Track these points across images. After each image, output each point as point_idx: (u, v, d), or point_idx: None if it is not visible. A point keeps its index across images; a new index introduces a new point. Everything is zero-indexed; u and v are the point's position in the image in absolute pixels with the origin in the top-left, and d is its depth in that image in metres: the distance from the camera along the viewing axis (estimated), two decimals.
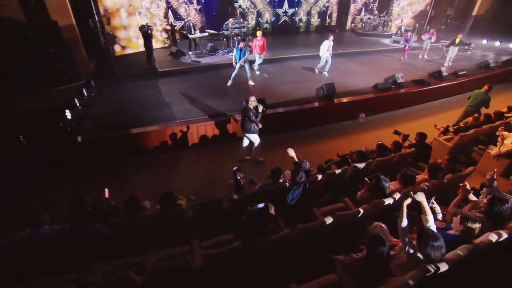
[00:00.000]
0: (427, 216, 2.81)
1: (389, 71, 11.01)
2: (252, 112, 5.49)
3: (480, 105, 7.21)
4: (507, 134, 5.37)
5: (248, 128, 5.64)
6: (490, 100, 7.23)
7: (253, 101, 5.57)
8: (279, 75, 10.12)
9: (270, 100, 7.90)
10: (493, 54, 14.89)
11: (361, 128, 8.23)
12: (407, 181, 3.67)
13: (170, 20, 12.74)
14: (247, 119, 5.55)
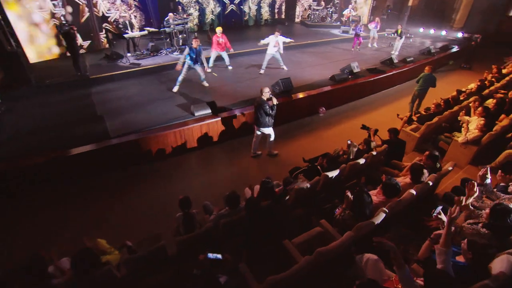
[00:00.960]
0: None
1: (342, 62, 10.89)
2: (268, 105, 5.22)
3: (428, 86, 7.54)
4: (470, 119, 5.20)
5: (264, 122, 5.41)
6: (436, 79, 7.57)
7: (266, 92, 5.25)
8: (230, 73, 9.23)
9: (223, 102, 7.02)
10: (430, 41, 15.80)
11: (323, 123, 7.75)
12: (392, 192, 3.08)
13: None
14: (263, 113, 5.28)
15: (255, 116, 5.45)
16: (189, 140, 6.19)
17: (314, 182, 3.65)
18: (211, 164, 6.06)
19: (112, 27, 10.45)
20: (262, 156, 6.16)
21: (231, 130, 6.68)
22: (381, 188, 3.20)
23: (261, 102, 5.22)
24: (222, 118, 6.37)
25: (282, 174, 4.81)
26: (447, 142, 5.16)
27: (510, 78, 8.48)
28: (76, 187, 5.09)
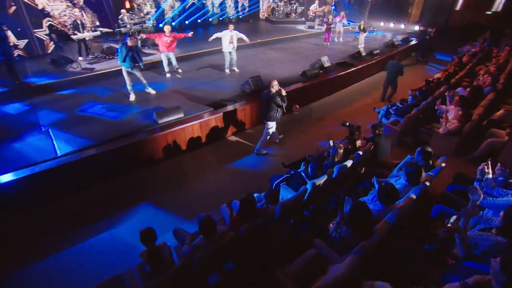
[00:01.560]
0: None
1: (311, 57, 10.69)
2: (279, 97, 5.13)
3: (396, 74, 7.80)
4: (447, 108, 5.10)
5: (276, 116, 5.35)
6: (403, 67, 7.89)
7: (276, 85, 5.16)
8: (194, 74, 8.51)
9: (189, 107, 6.35)
10: (391, 34, 16.28)
11: (298, 122, 7.37)
12: (391, 198, 2.72)
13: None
14: (275, 106, 5.20)
15: (266, 110, 5.30)
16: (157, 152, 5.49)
17: (300, 192, 3.19)
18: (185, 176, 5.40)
19: (56, 24, 9.18)
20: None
21: (200, 138, 6.07)
22: (378, 195, 2.82)
23: (272, 95, 5.13)
24: (191, 124, 5.73)
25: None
26: (429, 134, 5.00)
27: (470, 67, 8.76)
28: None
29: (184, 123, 5.72)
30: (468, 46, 12.87)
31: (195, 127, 5.85)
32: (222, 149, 6.09)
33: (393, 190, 2.74)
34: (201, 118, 5.94)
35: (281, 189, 3.76)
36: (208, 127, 6.11)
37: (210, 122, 6.08)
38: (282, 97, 5.22)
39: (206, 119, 5.98)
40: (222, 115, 6.21)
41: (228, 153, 5.93)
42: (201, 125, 5.93)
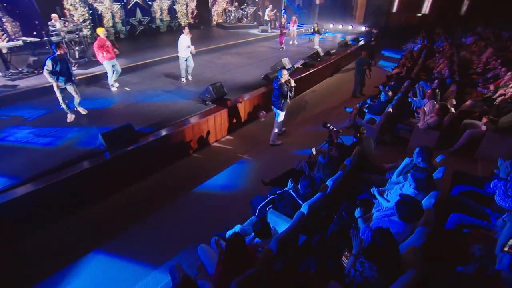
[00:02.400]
0: None
1: (269, 60, 10.38)
2: (287, 86, 5.29)
3: (364, 69, 8.13)
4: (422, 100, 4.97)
5: (285, 104, 5.48)
6: (370, 61, 8.35)
7: (285, 74, 5.29)
8: (145, 86, 7.49)
9: (143, 124, 5.40)
10: (341, 35, 16.89)
11: (268, 129, 6.79)
12: (415, 214, 2.24)
13: None
14: (282, 95, 5.34)
15: (276, 99, 5.44)
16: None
17: (298, 220, 2.57)
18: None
19: None
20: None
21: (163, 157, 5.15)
22: (398, 211, 2.32)
23: (280, 84, 5.25)
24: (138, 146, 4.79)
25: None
26: (409, 130, 4.79)
27: (421, 62, 9.13)
28: None
29: (139, 143, 4.76)
30: (411, 44, 13.72)
31: (152, 148, 4.93)
32: (186, 170, 5.23)
33: (418, 205, 2.26)
34: (158, 135, 5.04)
35: (268, 215, 3.11)
36: (169, 146, 5.22)
37: (170, 139, 5.20)
38: (290, 87, 5.35)
39: (166, 135, 5.09)
40: (184, 130, 5.37)
41: (193, 174, 5.10)
42: (160, 144, 5.02)
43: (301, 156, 5.56)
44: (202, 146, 5.88)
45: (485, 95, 5.44)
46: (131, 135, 4.90)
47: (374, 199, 3.09)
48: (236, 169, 5.20)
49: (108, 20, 11.98)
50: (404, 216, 2.27)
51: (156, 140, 4.97)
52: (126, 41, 12.29)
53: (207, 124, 5.86)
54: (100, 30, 6.50)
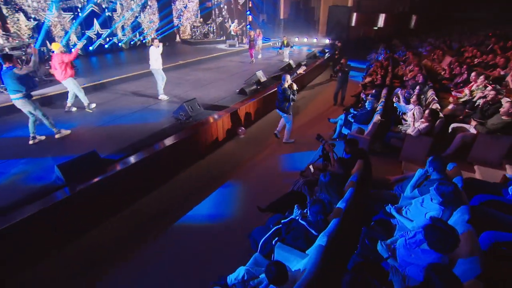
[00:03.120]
0: None
1: (241, 74, 10.15)
2: (290, 90, 5.50)
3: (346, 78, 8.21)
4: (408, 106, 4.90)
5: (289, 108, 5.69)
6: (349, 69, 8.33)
7: (288, 79, 5.56)
8: (109, 106, 6.70)
9: (109, 150, 4.66)
10: (307, 47, 17.35)
11: (249, 146, 6.35)
12: (455, 241, 1.89)
13: None
14: (285, 99, 5.54)
15: (281, 103, 5.66)
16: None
17: (320, 257, 2.11)
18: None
19: None
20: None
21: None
22: (429, 239, 1.97)
23: (283, 88, 5.49)
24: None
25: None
26: (400, 137, 4.65)
27: (390, 71, 9.46)
28: None
29: (107, 173, 4.02)
30: (374, 54, 14.40)
31: (123, 177, 4.20)
32: (164, 200, 4.53)
33: (452, 232, 1.92)
34: (128, 162, 4.33)
35: (276, 251, 2.61)
36: (142, 173, 4.52)
37: (143, 166, 4.50)
38: (293, 91, 5.57)
39: (138, 161, 4.39)
40: (158, 153, 4.72)
41: (173, 204, 4.42)
42: (131, 172, 4.31)
43: (290, 173, 5.18)
44: (180, 171, 5.23)
45: (461, 99, 5.58)
46: (96, 164, 4.14)
47: (392, 218, 2.76)
48: (221, 194, 4.62)
49: (59, 32, 10.81)
50: (434, 244, 1.93)
51: (126, 168, 4.25)
52: (83, 58, 11.29)
53: (184, 146, 5.25)
54: (56, 46, 5.70)
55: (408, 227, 2.52)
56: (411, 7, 19.71)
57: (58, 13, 10.66)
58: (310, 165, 3.70)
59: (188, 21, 16.22)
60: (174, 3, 15.25)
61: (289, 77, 5.62)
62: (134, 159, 4.43)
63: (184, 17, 16.05)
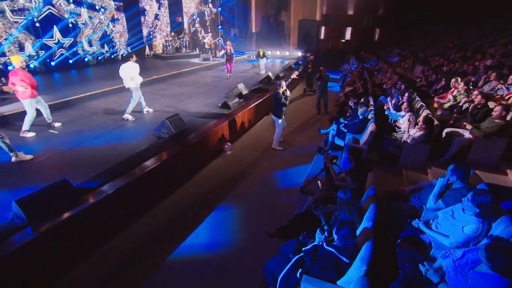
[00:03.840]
0: None
1: (220, 87, 9.88)
2: (283, 96, 5.80)
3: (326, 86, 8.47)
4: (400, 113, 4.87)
5: (281, 112, 5.98)
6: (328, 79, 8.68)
7: (283, 85, 5.87)
8: (79, 126, 5.97)
9: (79, 177, 4.01)
10: (280, 60, 17.59)
11: (237, 163, 5.96)
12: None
13: None
14: (279, 104, 5.83)
15: (275, 107, 5.94)
16: None
17: None
18: None
19: None
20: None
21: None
22: (488, 260, 1.73)
23: (276, 93, 5.82)
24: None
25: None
26: (398, 145, 4.56)
27: (369, 80, 9.72)
28: None
29: (82, 205, 3.40)
30: (347, 65, 14.90)
31: (101, 208, 3.60)
32: (152, 231, 3.96)
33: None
34: (106, 192, 3.72)
35: (302, 285, 2.23)
36: (124, 202, 3.93)
37: (124, 192, 3.92)
38: (286, 96, 5.87)
39: (119, 188, 3.81)
40: (141, 177, 4.16)
41: (162, 234, 3.87)
42: (111, 201, 3.71)
43: (288, 190, 4.86)
44: (166, 195, 4.68)
45: (444, 104, 5.74)
46: (68, 195, 3.50)
47: (421, 234, 2.53)
48: (217, 218, 4.15)
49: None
50: (502, 268, 1.69)
51: (105, 197, 3.65)
52: (44, 74, 10.26)
53: (169, 167, 4.74)
54: (16, 59, 4.97)
55: (445, 244, 2.29)
56: (374, 21, 21.03)
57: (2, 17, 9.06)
58: (319, 181, 3.41)
59: (160, 35, 15.70)
60: (144, 15, 14.72)
61: (284, 83, 5.89)
62: (113, 186, 3.84)
63: (156, 31, 15.54)
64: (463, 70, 7.70)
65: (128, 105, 6.37)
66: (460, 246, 2.21)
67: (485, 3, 17.12)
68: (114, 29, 13.32)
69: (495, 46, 10.32)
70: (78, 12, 11.42)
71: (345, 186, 3.42)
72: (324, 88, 8.18)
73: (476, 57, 8.92)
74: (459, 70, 7.83)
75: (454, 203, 2.60)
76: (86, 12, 11.80)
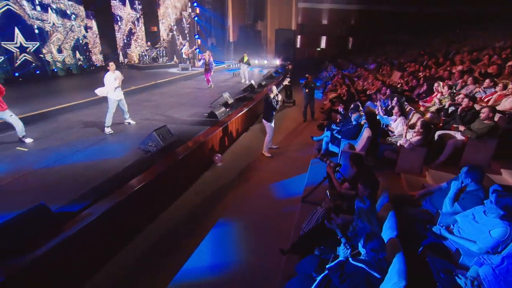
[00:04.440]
0: None
1: (202, 97, 9.68)
2: (273, 100, 5.83)
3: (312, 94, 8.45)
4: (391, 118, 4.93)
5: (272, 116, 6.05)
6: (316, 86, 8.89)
7: (275, 90, 5.93)
8: (54, 142, 5.42)
9: (57, 200, 3.57)
10: (259, 68, 17.69)
11: (229, 174, 5.69)
12: None
13: None
14: (270, 108, 5.90)
15: (266, 111, 6.03)
16: None
17: None
18: None
19: None
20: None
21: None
22: None
23: (266, 96, 5.89)
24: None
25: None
26: (392, 150, 4.58)
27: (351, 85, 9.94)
28: None
29: (66, 232, 2.98)
30: (325, 72, 15.26)
31: (87, 233, 3.19)
32: (147, 254, 3.58)
33: None
34: (89, 217, 3.31)
35: None
36: (111, 225, 3.54)
37: (113, 215, 3.52)
38: (276, 101, 5.90)
39: (104, 211, 3.41)
40: (130, 197, 3.79)
41: (158, 258, 3.52)
42: (99, 224, 3.31)
43: (286, 200, 4.68)
44: (157, 214, 4.31)
45: (430, 108, 5.94)
46: (47, 222, 3.07)
47: (443, 240, 2.45)
48: (216, 236, 3.86)
49: None
50: None
51: (92, 221, 3.24)
52: (13, 88, 9.38)
53: (161, 183, 4.38)
54: None
55: (473, 250, 2.22)
56: (347, 30, 21.97)
57: None
58: (327, 191, 3.27)
59: (135, 44, 15.16)
60: (117, 23, 14.15)
61: (274, 88, 5.98)
62: (100, 208, 3.43)
63: (130, 40, 14.99)
64: (439, 75, 8.09)
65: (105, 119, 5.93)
66: (489, 251, 2.15)
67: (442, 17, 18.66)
68: (86, 36, 12.63)
69: (460, 53, 11.06)
70: (43, 16, 10.55)
71: (353, 194, 3.32)
72: (311, 95, 8.19)
73: (447, 63, 9.46)
74: (435, 75, 8.22)
75: (471, 206, 2.56)
76: (56, 17, 11.05)
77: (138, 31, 15.36)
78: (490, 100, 5.46)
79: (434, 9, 18.99)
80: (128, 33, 14.94)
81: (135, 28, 15.14)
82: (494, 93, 5.59)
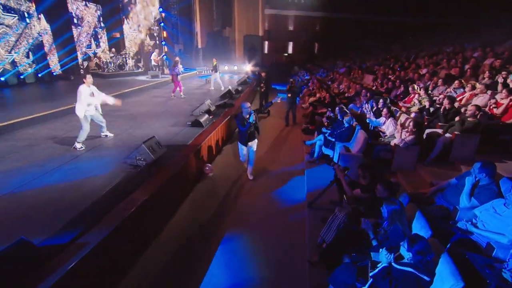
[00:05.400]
0: None
1: (179, 106, 9.25)
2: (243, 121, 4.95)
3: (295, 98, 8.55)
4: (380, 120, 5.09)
5: (241, 138, 5.17)
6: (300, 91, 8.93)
7: (247, 107, 4.97)
8: (18, 163, 4.67)
9: (36, 232, 3.07)
10: (228, 75, 17.55)
11: (223, 185, 5.43)
12: None
13: None
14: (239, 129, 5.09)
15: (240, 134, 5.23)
16: None
17: None
18: None
19: None
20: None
21: None
22: None
23: (240, 118, 4.96)
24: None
25: None
26: (387, 150, 4.72)
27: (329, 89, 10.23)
28: None
29: (56, 274, 2.51)
30: (297, 77, 15.60)
31: (80, 268, 2.74)
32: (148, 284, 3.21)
33: None
34: (84, 249, 2.87)
35: None
36: (104, 255, 3.11)
37: (105, 243, 3.10)
38: (246, 123, 5.02)
39: (100, 241, 2.98)
40: (124, 220, 3.37)
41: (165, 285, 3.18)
42: (94, 255, 2.87)
43: (291, 207, 4.55)
44: (155, 235, 3.91)
45: (410, 108, 6.29)
46: (29, 262, 2.58)
47: (469, 235, 2.51)
48: (226, 253, 3.57)
49: None
50: None
51: (87, 254, 2.80)
52: None
53: (158, 201, 4.00)
54: None
55: (503, 242, 2.29)
56: (313, 36, 22.84)
57: None
58: (344, 195, 3.21)
59: (97, 50, 14.11)
60: (76, 27, 13.05)
61: (248, 104, 5.03)
62: (96, 236, 2.99)
63: (91, 45, 13.92)
64: (409, 77, 8.67)
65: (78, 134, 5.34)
66: None
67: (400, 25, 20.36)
68: (42, 41, 11.43)
69: (420, 57, 12.04)
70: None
71: (367, 197, 3.29)
72: (294, 100, 8.25)
73: (412, 66, 10.20)
74: (406, 77, 8.79)
75: (487, 200, 2.67)
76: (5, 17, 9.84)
77: (100, 36, 14.34)
78: (462, 99, 5.92)
79: (394, 18, 20.73)
80: (89, 37, 13.86)
81: (98, 33, 14.11)
82: (464, 93, 6.09)
